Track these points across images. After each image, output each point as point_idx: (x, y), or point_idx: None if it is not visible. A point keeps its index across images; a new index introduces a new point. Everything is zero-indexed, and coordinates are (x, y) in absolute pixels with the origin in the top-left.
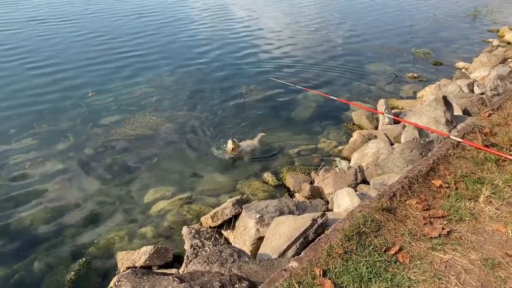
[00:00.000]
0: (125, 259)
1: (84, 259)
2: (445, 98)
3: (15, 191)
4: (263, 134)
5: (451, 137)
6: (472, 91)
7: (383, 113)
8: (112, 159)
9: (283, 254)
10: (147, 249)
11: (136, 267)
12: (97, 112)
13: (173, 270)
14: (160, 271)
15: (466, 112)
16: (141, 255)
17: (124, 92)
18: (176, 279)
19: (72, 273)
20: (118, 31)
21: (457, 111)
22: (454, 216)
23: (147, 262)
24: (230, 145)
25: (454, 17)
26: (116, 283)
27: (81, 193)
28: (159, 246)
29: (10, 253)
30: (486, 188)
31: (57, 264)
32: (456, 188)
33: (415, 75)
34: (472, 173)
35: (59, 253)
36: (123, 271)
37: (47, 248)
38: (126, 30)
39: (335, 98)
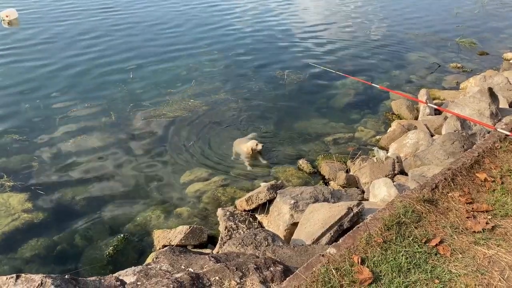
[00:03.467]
0: (161, 237)
1: (122, 235)
2: (490, 90)
3: (58, 166)
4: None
5: (498, 130)
6: None
7: (426, 103)
8: (150, 140)
9: (317, 240)
10: (183, 229)
11: (172, 246)
12: (137, 93)
13: (207, 251)
14: (195, 250)
15: None
16: (176, 234)
17: (164, 75)
18: (212, 259)
19: (111, 248)
20: (162, 19)
21: (503, 104)
22: (500, 211)
23: (183, 241)
24: (259, 146)
25: (504, 5)
26: (155, 259)
27: (120, 171)
28: (195, 226)
29: (52, 225)
30: None
31: (96, 238)
32: (502, 183)
33: (459, 65)
34: None
35: (98, 228)
36: (159, 248)
37: (86, 222)
38: (170, 18)
39: (376, 86)
